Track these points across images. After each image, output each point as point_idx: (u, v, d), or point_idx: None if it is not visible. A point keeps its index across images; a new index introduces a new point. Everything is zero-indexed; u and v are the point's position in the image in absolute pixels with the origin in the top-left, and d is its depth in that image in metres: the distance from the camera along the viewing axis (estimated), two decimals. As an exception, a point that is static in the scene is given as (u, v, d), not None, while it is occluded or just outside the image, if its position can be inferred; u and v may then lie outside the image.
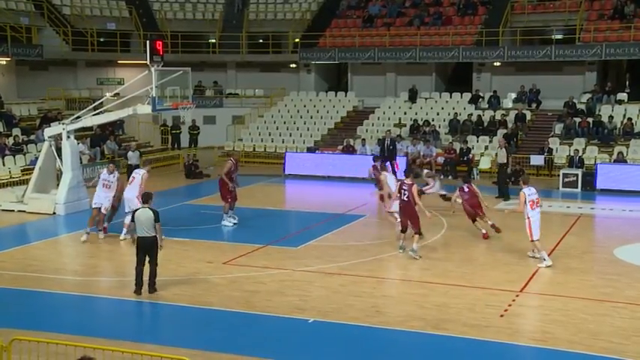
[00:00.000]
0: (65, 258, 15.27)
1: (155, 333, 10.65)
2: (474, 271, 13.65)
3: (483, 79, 32.76)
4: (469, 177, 15.68)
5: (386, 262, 14.37)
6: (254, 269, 13.74)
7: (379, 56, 32.91)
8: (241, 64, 37.26)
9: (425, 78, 33.76)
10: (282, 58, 36.49)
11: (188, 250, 15.13)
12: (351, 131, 30.81)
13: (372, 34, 33.95)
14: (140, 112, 18.95)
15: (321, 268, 13.81)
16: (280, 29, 36.95)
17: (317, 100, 34.34)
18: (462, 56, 31.52)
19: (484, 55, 31.35)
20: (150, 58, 17.66)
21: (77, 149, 20.25)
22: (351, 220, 18.43)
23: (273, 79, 36.40)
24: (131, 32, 35.93)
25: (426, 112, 31.30)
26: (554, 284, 12.75)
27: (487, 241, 16.06)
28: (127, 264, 13.99)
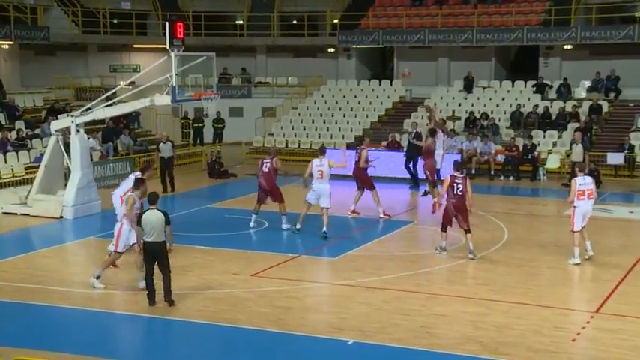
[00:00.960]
0: (74, 268, 15.47)
1: (173, 353, 10.71)
2: (540, 287, 13.46)
3: (551, 64, 32.40)
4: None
5: (436, 276, 14.26)
6: (286, 282, 13.74)
7: (430, 39, 32.74)
8: (272, 48, 37.44)
9: (483, 64, 33.53)
10: (318, 41, 36.58)
11: (211, 260, 15.21)
12: (398, 125, 30.70)
13: (421, 13, 33.84)
14: (158, 103, 19.16)
15: (363, 281, 13.75)
16: (317, 9, 37.07)
17: (358, 89, 34.31)
18: (527, 38, 31.18)
19: (553, 37, 30.95)
20: (169, 42, 17.84)
21: (87, 145, 20.56)
22: (397, 226, 18.34)
23: (309, 66, 36.52)
24: (148, 12, 36.39)
25: (484, 103, 31.05)
26: (636, 304, 12.48)
27: (556, 253, 15.83)
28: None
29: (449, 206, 15.36)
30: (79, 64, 35.14)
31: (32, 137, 26.35)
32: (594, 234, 15.92)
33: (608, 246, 16.47)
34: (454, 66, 34.21)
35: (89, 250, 16.78)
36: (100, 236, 17.52)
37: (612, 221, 19.27)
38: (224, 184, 25.12)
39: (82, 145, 19.68)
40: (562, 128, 28.24)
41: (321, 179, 17.28)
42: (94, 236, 17.54)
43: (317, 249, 16.12)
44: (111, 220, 19.07)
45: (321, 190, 17.23)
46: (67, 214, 19.31)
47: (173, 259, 15.05)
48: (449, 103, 31.77)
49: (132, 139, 28.26)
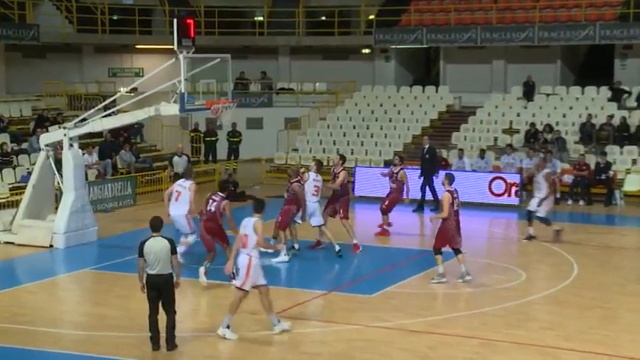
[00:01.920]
0: (64, 305, 15.53)
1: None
2: (618, 334, 13.29)
3: (630, 67, 32.22)
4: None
5: (492, 317, 14.12)
6: (314, 324, 13.68)
7: (483, 38, 32.73)
8: (297, 49, 37.63)
9: (546, 67, 33.49)
10: (351, 41, 36.73)
11: (224, 297, 15.16)
12: (444, 139, 30.61)
13: (473, 8, 33.93)
14: (164, 112, 19.27)
15: (404, 323, 13.66)
16: (349, 3, 37.22)
17: (398, 97, 34.35)
18: (600, 36, 31.04)
19: (631, 34, 30.80)
20: (178, 42, 17.97)
21: (82, 162, 20.67)
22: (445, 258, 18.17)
23: (340, 70, 36.64)
24: (153, 8, 36.81)
25: (548, 113, 30.91)
26: None
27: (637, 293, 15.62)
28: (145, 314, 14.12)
29: (450, 224, 15.93)
30: (73, 68, 35.57)
31: (18, 152, 26.59)
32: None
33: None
34: (511, 69, 34.13)
35: (83, 284, 16.87)
36: (95, 268, 17.63)
37: None
38: (240, 208, 25.09)
39: (76, 161, 19.79)
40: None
41: (316, 195, 17.94)
42: (88, 268, 17.64)
43: (349, 284, 16.03)
44: (107, 249, 19.30)
45: (313, 207, 17.87)
46: (58, 243, 19.39)
47: (180, 295, 15.10)
48: (505, 113, 31.64)
49: (133, 155, 28.43)
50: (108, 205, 24.36)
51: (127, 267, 17.43)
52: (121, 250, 19.13)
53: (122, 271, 17.21)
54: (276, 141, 33.92)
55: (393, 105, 33.77)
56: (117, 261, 18.03)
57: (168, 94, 20.91)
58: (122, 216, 23.73)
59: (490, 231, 23.09)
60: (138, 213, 24.04)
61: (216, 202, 15.87)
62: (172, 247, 12.15)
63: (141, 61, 36.60)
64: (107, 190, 24.62)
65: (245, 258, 12.80)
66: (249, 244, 12.75)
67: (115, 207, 24.59)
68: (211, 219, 15.95)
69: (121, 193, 25.08)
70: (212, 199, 15.95)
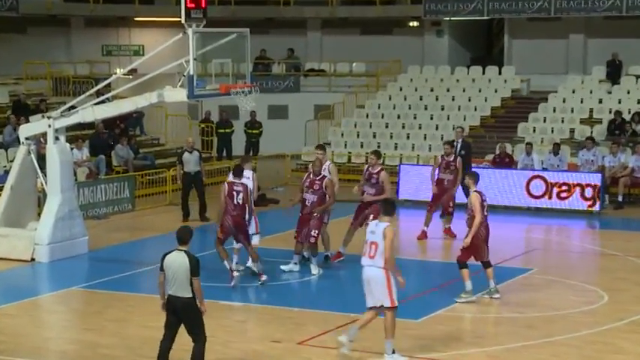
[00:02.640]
0: (48, 331, 15.64)
1: None
2: None
3: None
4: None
5: (567, 348, 14.12)
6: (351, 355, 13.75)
7: (557, 6, 32.76)
8: (330, 22, 37.71)
9: (636, 42, 33.39)
10: (396, 11, 36.81)
11: (243, 322, 15.34)
12: (510, 131, 30.57)
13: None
14: (169, 99, 19.36)
15: (458, 354, 13.69)
16: (394, -35, 37.24)
17: (452, 80, 34.38)
18: None
19: None
20: (186, 14, 18.10)
21: (70, 158, 20.84)
22: (507, 275, 18.21)
23: (382, 47, 36.72)
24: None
25: (638, 98, 30.85)
26: None
27: None
28: (146, 342, 14.29)
29: (480, 232, 16.09)
30: (60, 45, 35.77)
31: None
32: None
33: None
34: (593, 45, 34.10)
35: (71, 305, 17.01)
36: (85, 287, 17.76)
37: None
38: (260, 214, 25.22)
39: (63, 158, 19.86)
40: None
41: None
42: (77, 287, 17.75)
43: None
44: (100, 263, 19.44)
45: None
46: (41, 256, 19.50)
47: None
48: (584, 99, 31.58)
49: (132, 150, 28.51)
50: (101, 210, 24.52)
51: (123, 285, 17.68)
52: (116, 264, 19.32)
53: (118, 290, 17.41)
54: (303, 133, 33.95)
55: (446, 90, 33.81)
56: (111, 277, 18.19)
57: (173, 76, 21.06)
58: (118, 223, 23.92)
59: (561, 242, 22.98)
60: (137, 220, 24.23)
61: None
62: (192, 267, 11.99)
63: (141, 36, 36.82)
64: (100, 193, 24.74)
65: (379, 272, 12.98)
66: (378, 253, 12.95)
67: (109, 213, 24.75)
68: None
69: (116, 196, 25.21)
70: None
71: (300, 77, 37.08)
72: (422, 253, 21.00)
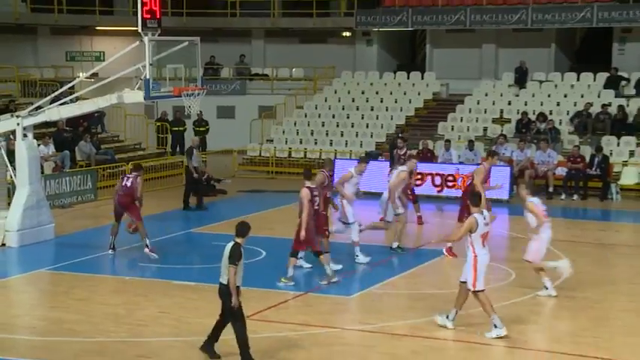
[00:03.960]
0: (17, 309, 15.45)
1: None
2: (612, 336, 13.49)
3: (629, 52, 32.51)
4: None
5: (478, 319, 14.25)
6: (288, 327, 13.77)
7: (472, 20, 32.96)
8: (272, 32, 37.65)
9: (540, 52, 33.77)
10: (330, 23, 36.82)
11: (194, 299, 15.26)
12: (431, 129, 30.78)
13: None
14: (128, 100, 19.24)
15: (385, 326, 13.77)
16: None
17: (381, 84, 34.50)
18: (597, 19, 31.35)
19: (631, 17, 31.10)
20: (142, 24, 17.99)
21: (37, 153, 20.62)
22: (427, 257, 18.37)
23: (318, 54, 36.74)
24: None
25: (541, 101, 31.18)
26: None
27: (632, 293, 15.84)
28: (107, 318, 14.19)
29: (309, 224, 15.87)
30: (27, 51, 35.34)
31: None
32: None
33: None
34: (503, 54, 34.38)
35: (38, 285, 16.85)
36: (52, 269, 17.59)
37: None
38: (210, 203, 25.20)
39: (31, 153, 19.68)
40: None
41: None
42: (44, 269, 17.58)
43: (327, 285, 16.11)
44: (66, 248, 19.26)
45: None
46: (11, 241, 19.32)
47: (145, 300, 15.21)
48: (496, 101, 31.88)
49: (94, 146, 28.33)
50: (66, 200, 24.32)
51: (87, 267, 17.54)
52: (80, 248, 19.15)
53: (82, 271, 17.26)
54: (249, 131, 33.92)
55: (375, 92, 33.91)
56: (76, 260, 18.04)
57: (131, 80, 20.88)
58: (82, 212, 23.71)
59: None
60: (99, 209, 24.02)
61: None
62: (229, 254, 11.62)
63: (102, 44, 36.46)
64: (65, 184, 24.55)
65: (469, 253, 13.17)
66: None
67: (73, 202, 24.55)
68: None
69: (80, 187, 25.03)
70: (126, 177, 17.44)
71: (245, 81, 37.00)
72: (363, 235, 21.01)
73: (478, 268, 13.04)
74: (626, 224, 22.89)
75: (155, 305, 14.87)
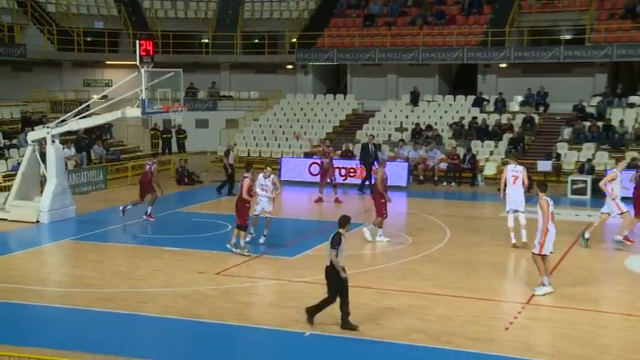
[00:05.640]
0: (49, 268, 15.28)
1: (142, 347, 10.64)
2: (478, 282, 13.68)
3: (489, 81, 32.89)
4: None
5: (387, 273, 14.41)
6: (248, 280, 13.76)
7: (380, 57, 33.04)
8: (235, 65, 37.37)
9: (427, 80, 33.88)
10: (278, 58, 36.62)
11: (179, 260, 15.15)
12: (351, 135, 30.88)
13: (372, 34, 34.09)
14: (129, 115, 19.02)
15: (319, 278, 13.68)
16: (276, 29, 37.11)
17: (314, 102, 34.44)
18: (467, 57, 31.66)
19: (489, 56, 31.48)
20: (139, 59, 17.76)
21: (62, 154, 20.30)
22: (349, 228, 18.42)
23: (269, 81, 36.53)
24: (120, 31, 36.04)
25: (429, 115, 31.40)
26: (561, 296, 12.77)
27: (492, 252, 16.11)
28: (115, 274, 14.03)
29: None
30: (54, 79, 34.60)
31: (9, 147, 25.91)
32: (527, 234, 16.19)
33: (539, 244, 16.79)
34: (402, 82, 34.51)
35: (64, 251, 16.61)
36: (74, 239, 17.35)
37: (543, 222, 19.64)
38: (191, 191, 25.00)
39: (57, 154, 19.44)
40: (498, 138, 28.70)
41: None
42: (69, 239, 17.35)
43: (276, 249, 16.10)
44: (84, 224, 18.97)
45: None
46: (43, 219, 19.02)
47: (143, 261, 15.05)
48: (397, 115, 32.06)
49: (104, 149, 27.99)
50: (84, 188, 23.92)
51: (99, 238, 17.38)
52: (95, 224, 18.89)
53: (96, 241, 17.05)
54: (219, 138, 33.64)
55: (310, 109, 33.85)
56: (91, 233, 17.82)
57: (132, 100, 20.53)
58: (95, 197, 23.32)
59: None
60: (108, 195, 23.71)
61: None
62: (332, 240, 10.89)
63: (110, 73, 35.76)
64: (83, 177, 24.17)
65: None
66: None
67: (89, 190, 24.15)
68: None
69: (94, 179, 24.65)
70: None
71: (216, 101, 36.66)
72: (302, 213, 21.02)
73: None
74: (488, 203, 23.25)
75: (150, 265, 14.75)
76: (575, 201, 22.88)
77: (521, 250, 15.91)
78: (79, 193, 22.90)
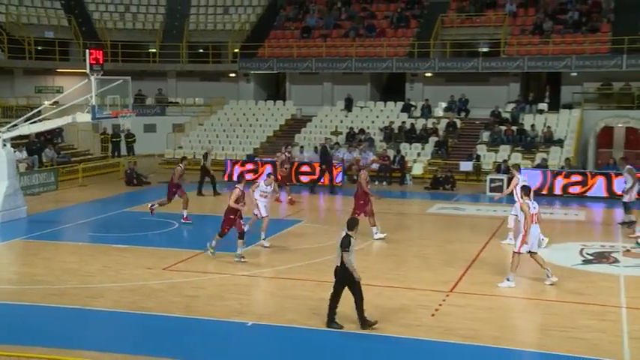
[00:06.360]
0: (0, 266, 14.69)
1: (93, 340, 10.33)
2: (407, 273, 13.81)
3: (416, 88, 33.31)
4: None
5: (322, 266, 14.37)
6: (194, 274, 13.55)
7: (316, 66, 33.09)
8: (182, 73, 36.86)
9: (360, 87, 34.09)
10: (222, 67, 36.29)
11: (127, 257, 14.80)
12: (290, 139, 30.80)
13: (309, 45, 34.09)
14: (80, 120, 18.54)
15: (260, 272, 13.73)
16: (220, 39, 36.77)
17: (256, 108, 34.25)
18: (395, 67, 32.02)
19: (416, 66, 31.91)
20: (89, 67, 17.32)
21: (13, 157, 19.60)
22: (288, 225, 18.40)
23: (214, 88, 36.17)
24: (70, 41, 35.09)
25: (362, 120, 31.59)
26: (481, 284, 13.03)
27: (420, 245, 16.30)
28: (65, 271, 13.61)
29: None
30: (6, 86, 33.42)
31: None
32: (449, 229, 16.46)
33: (460, 237, 17.11)
34: (337, 89, 34.62)
35: (15, 250, 16.02)
36: (25, 238, 16.77)
37: (463, 217, 20.02)
38: (140, 191, 24.50)
39: (9, 157, 18.79)
40: (424, 141, 29.11)
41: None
42: (20, 238, 16.74)
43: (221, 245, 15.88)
44: (35, 223, 18.36)
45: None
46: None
47: (92, 258, 14.64)
48: (332, 120, 32.16)
49: (55, 152, 27.23)
50: (35, 190, 23.17)
51: (50, 237, 16.84)
52: (45, 224, 18.30)
53: (46, 240, 16.51)
54: (165, 141, 33.12)
55: (252, 114, 33.64)
56: (42, 232, 17.25)
57: (82, 106, 20.01)
58: (47, 198, 22.61)
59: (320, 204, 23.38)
60: (59, 196, 23.04)
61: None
62: (342, 242, 10.33)
63: (61, 81, 34.76)
64: (35, 179, 23.43)
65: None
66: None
67: (41, 191, 23.40)
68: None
69: (45, 181, 23.91)
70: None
71: (164, 106, 36.08)
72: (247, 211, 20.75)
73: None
74: (415, 200, 23.54)
75: (99, 262, 14.36)
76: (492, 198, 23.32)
77: (446, 244, 16.13)
78: (30, 195, 22.17)
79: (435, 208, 21.21)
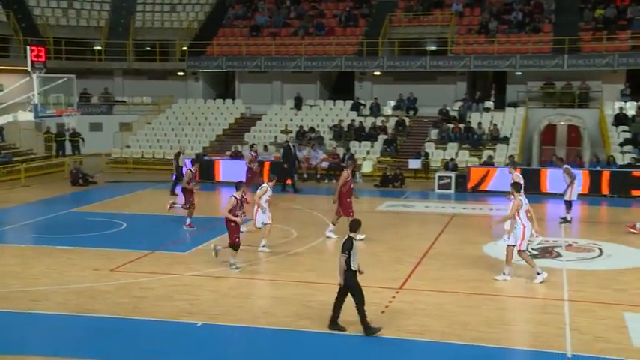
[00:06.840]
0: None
1: (37, 345, 10.08)
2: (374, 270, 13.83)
3: (365, 87, 33.53)
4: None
5: (273, 265, 14.38)
6: (142, 275, 13.35)
7: (265, 65, 32.99)
8: (128, 71, 36.23)
9: (309, 86, 34.13)
10: (169, 66, 35.84)
11: (73, 259, 14.48)
12: (239, 138, 30.65)
13: (258, 43, 33.95)
14: (21, 119, 18.04)
15: (210, 272, 13.62)
16: (167, 37, 36.29)
17: (205, 107, 33.94)
18: (345, 65, 32.17)
19: (365, 65, 32.13)
20: (31, 65, 16.85)
21: (-48, 157, 18.94)
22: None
23: (161, 87, 35.68)
24: (10, 37, 34.05)
25: (311, 118, 31.64)
26: (430, 280, 13.22)
27: (370, 242, 16.42)
28: (8, 274, 13.23)
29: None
30: (-57, 84, 32.25)
31: None
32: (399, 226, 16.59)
33: (410, 234, 17.32)
34: (286, 88, 34.61)
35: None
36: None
37: (413, 214, 20.27)
38: (85, 191, 23.99)
39: (-54, 158, 18.12)
40: (374, 139, 29.35)
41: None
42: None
43: (169, 245, 15.72)
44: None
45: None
46: None
47: (36, 260, 14.27)
48: (282, 118, 32.13)
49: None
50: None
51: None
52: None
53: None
54: (112, 140, 32.51)
55: (201, 113, 33.33)
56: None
57: (25, 104, 19.49)
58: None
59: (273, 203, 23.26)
60: (0, 196, 22.34)
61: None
62: (343, 244, 10.18)
63: (1, 78, 33.76)
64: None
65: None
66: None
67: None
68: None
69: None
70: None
71: (111, 105, 35.41)
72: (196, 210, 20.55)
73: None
74: (365, 198, 23.63)
75: (44, 264, 14.02)
76: (441, 195, 23.72)
77: (395, 241, 16.30)
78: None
79: (384, 205, 21.39)
